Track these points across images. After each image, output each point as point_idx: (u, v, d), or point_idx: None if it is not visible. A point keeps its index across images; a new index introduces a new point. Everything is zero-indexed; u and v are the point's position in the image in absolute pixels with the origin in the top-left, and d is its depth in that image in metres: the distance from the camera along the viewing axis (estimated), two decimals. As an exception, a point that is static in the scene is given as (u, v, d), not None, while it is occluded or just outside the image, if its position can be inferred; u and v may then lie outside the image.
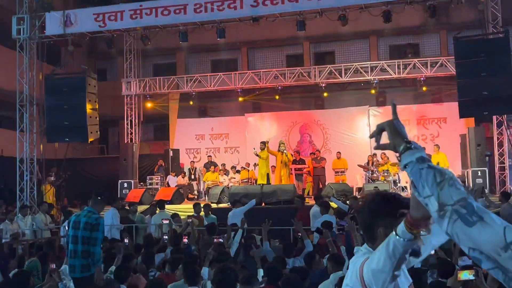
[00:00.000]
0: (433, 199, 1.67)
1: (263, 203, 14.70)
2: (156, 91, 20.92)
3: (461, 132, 17.85)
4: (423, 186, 1.71)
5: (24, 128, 16.70)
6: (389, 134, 1.95)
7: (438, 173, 1.70)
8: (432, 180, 1.69)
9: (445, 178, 1.67)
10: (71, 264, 6.42)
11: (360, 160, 18.25)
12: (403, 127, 1.95)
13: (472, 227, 1.54)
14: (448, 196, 1.63)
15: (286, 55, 23.28)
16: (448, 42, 20.29)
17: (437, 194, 1.65)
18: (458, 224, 1.57)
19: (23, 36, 16.69)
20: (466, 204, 1.59)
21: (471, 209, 1.58)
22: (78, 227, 6.58)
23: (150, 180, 19.50)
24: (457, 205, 1.60)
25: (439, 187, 1.66)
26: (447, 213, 1.61)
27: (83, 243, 6.54)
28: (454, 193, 1.63)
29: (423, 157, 1.79)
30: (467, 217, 1.56)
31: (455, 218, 1.58)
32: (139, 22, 16.33)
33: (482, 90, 13.39)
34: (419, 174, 1.74)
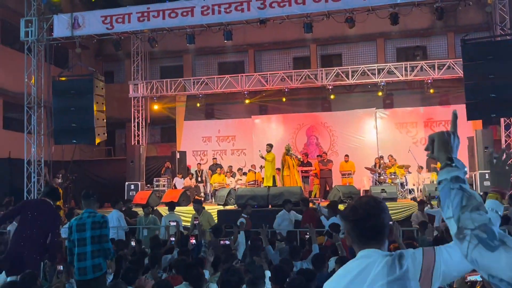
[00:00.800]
0: (453, 221, 1.68)
1: (269, 205, 14.70)
2: (163, 93, 20.98)
3: (468, 134, 17.76)
4: (448, 207, 1.72)
5: (32, 130, 16.78)
6: (436, 146, 1.92)
7: (466, 197, 1.69)
8: (458, 202, 1.69)
9: (470, 203, 1.66)
10: (80, 267, 6.38)
11: (367, 163, 18.22)
12: (454, 141, 1.90)
13: (494, 252, 1.53)
14: (469, 221, 1.62)
15: (293, 58, 23.27)
16: (456, 44, 20.23)
17: (457, 217, 1.66)
18: (478, 249, 1.56)
19: (31, 39, 16.77)
20: (487, 229, 1.58)
21: (492, 234, 1.57)
22: (84, 229, 6.54)
23: (157, 182, 19.53)
24: (477, 230, 1.59)
25: (461, 211, 1.66)
26: (467, 237, 1.60)
27: (93, 243, 6.50)
28: (476, 218, 1.62)
29: (458, 177, 1.77)
30: (489, 241, 1.55)
31: (476, 243, 1.57)
32: (146, 25, 16.38)
33: (490, 93, 13.33)
34: (448, 194, 1.74)
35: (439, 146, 1.90)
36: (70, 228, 6.62)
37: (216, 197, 16.61)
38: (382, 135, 20.40)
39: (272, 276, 5.46)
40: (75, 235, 6.47)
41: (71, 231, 6.56)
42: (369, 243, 2.10)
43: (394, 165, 17.53)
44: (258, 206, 14.62)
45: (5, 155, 19.24)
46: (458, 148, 1.90)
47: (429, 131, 20.05)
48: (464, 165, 1.84)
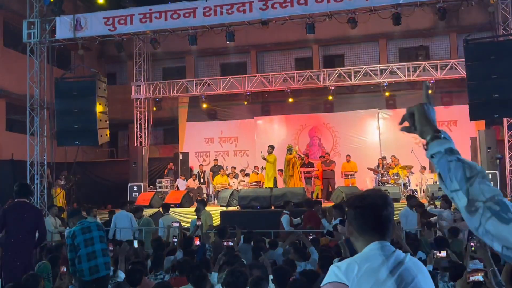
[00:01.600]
0: (461, 194, 1.62)
1: (272, 206, 14.69)
2: (165, 95, 21.00)
3: (471, 135, 17.75)
4: (451, 180, 1.66)
5: (35, 132, 16.78)
6: (418, 119, 1.87)
7: (468, 167, 1.65)
8: (462, 174, 1.64)
9: (476, 174, 1.62)
10: (92, 266, 6.44)
11: (370, 163, 18.20)
12: (433, 113, 1.86)
13: (509, 224, 1.50)
14: (479, 192, 1.57)
15: (295, 58, 23.27)
16: (458, 45, 20.19)
17: (466, 189, 1.60)
18: (492, 222, 1.52)
19: (34, 40, 16.79)
20: (499, 201, 1.55)
21: (505, 206, 1.53)
22: (90, 231, 6.64)
23: (159, 183, 19.55)
24: (489, 202, 1.54)
25: (468, 183, 1.61)
26: (480, 209, 1.55)
27: (101, 242, 6.65)
28: (485, 189, 1.58)
29: (452, 148, 1.74)
30: (502, 214, 1.51)
31: (489, 215, 1.53)
32: (148, 26, 16.37)
33: (493, 93, 13.29)
34: (447, 167, 1.69)
35: (421, 120, 1.85)
36: (72, 236, 6.61)
37: (219, 198, 16.60)
38: (384, 135, 20.37)
39: (274, 277, 5.46)
40: (80, 238, 6.52)
41: (75, 236, 6.58)
42: (372, 234, 2.06)
43: (397, 166, 17.51)
44: (261, 207, 14.62)
45: (8, 157, 19.26)
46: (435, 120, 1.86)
47: (432, 131, 20.03)
48: (449, 136, 1.81)
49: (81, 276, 6.44)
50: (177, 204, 16.43)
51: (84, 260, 6.43)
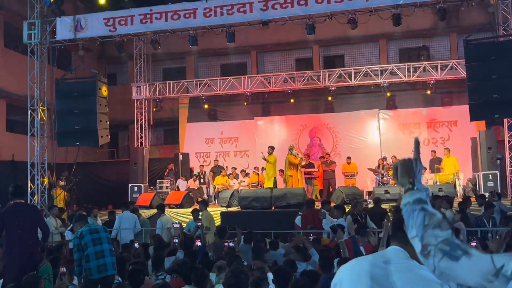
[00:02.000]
0: (417, 240, 1.75)
1: (273, 206, 14.70)
2: (166, 95, 21.01)
3: (472, 135, 17.74)
4: (412, 227, 1.80)
5: (35, 133, 16.79)
6: (399, 172, 2.00)
7: (428, 216, 1.77)
8: (421, 222, 1.77)
9: (432, 222, 1.75)
10: (100, 264, 6.51)
11: (371, 164, 18.20)
12: (417, 166, 1.98)
13: (458, 262, 1.60)
14: (432, 238, 1.71)
15: (295, 59, 23.28)
16: (458, 45, 20.20)
17: (421, 235, 1.74)
18: (444, 262, 1.64)
19: (34, 41, 16.80)
20: (449, 242, 1.66)
21: (454, 245, 1.65)
22: (97, 231, 6.77)
23: (160, 184, 19.56)
24: (440, 244, 1.67)
25: (424, 229, 1.74)
26: (431, 252, 1.68)
27: (108, 243, 6.78)
28: (438, 234, 1.71)
29: (420, 199, 1.85)
30: (452, 252, 1.63)
31: (440, 256, 1.65)
32: (149, 27, 16.38)
33: (493, 93, 13.30)
34: (411, 215, 1.83)
35: (401, 172, 1.98)
36: (80, 236, 6.66)
37: (219, 199, 16.62)
38: (385, 136, 20.38)
39: (274, 277, 5.46)
40: (88, 237, 6.62)
41: (82, 236, 6.63)
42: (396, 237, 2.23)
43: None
44: (261, 207, 14.63)
45: (9, 158, 19.28)
46: (421, 173, 1.99)
47: (432, 132, 20.07)
48: (426, 188, 1.92)
49: (88, 275, 6.48)
50: (177, 204, 16.45)
51: (93, 258, 6.51)
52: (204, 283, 5.51)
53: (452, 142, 19.35)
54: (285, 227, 11.79)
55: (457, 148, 18.29)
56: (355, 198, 14.00)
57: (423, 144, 19.88)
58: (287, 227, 11.73)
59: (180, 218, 15.31)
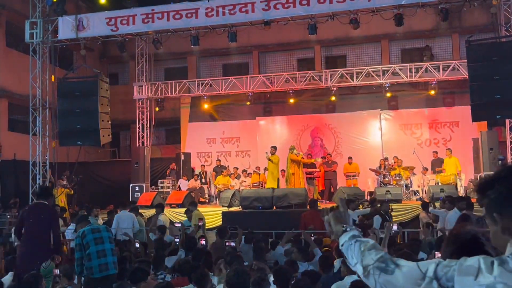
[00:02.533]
0: (359, 265, 2.00)
1: (274, 206, 14.68)
2: (167, 95, 21.00)
3: (473, 136, 17.72)
4: (352, 257, 2.06)
5: (37, 132, 16.81)
6: (333, 223, 2.29)
7: (362, 244, 2.05)
8: (358, 249, 2.04)
9: (366, 247, 2.02)
10: (101, 263, 6.56)
11: (372, 164, 18.19)
12: (345, 215, 2.29)
13: (393, 274, 1.86)
14: (369, 259, 1.96)
15: (297, 59, 23.27)
16: (461, 46, 20.17)
17: (360, 259, 2.00)
18: (382, 277, 1.89)
19: (36, 40, 16.81)
20: (384, 259, 1.92)
21: (388, 262, 1.90)
22: (99, 231, 6.83)
23: (161, 183, 19.55)
24: (377, 263, 1.92)
25: (362, 254, 2.01)
26: (371, 271, 1.93)
27: (110, 242, 6.84)
28: (373, 254, 1.97)
29: (354, 235, 2.15)
30: (387, 268, 1.89)
31: (378, 273, 1.90)
32: (151, 26, 16.39)
33: (495, 94, 13.28)
34: (349, 249, 2.09)
35: (334, 222, 2.28)
36: (82, 235, 6.71)
37: (221, 198, 16.62)
38: (386, 136, 20.37)
39: (274, 277, 5.45)
40: (90, 236, 6.68)
41: (84, 235, 6.68)
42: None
43: (399, 167, 17.50)
44: (263, 207, 14.61)
45: (11, 157, 19.31)
46: (350, 218, 2.30)
47: (434, 132, 20.04)
48: (354, 227, 2.23)
49: (90, 274, 6.52)
50: (178, 204, 16.45)
51: (94, 257, 6.57)
52: (204, 282, 5.50)
53: (454, 142, 19.33)
54: (286, 227, 11.76)
55: (458, 149, 18.27)
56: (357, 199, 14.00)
57: (425, 145, 19.87)
58: (288, 227, 11.71)
59: (181, 217, 15.30)
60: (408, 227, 11.52)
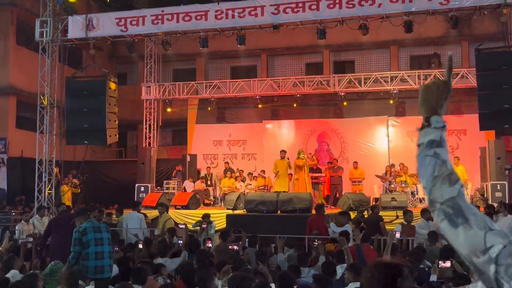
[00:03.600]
0: (426, 192, 1.66)
1: (278, 210, 14.66)
2: (175, 96, 21.03)
3: (481, 144, 17.64)
4: (422, 177, 1.68)
5: (44, 130, 16.87)
6: (420, 99, 1.79)
7: (438, 166, 1.65)
8: (431, 172, 1.65)
9: (443, 173, 1.64)
10: (98, 265, 6.55)
11: (378, 170, 18.13)
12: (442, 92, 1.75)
13: (456, 229, 1.55)
14: (439, 194, 1.61)
15: (305, 63, 23.26)
16: (470, 54, 20.11)
17: (429, 189, 1.64)
18: (444, 224, 1.58)
19: (46, 39, 16.88)
20: (453, 204, 1.59)
21: (458, 210, 1.58)
22: (100, 231, 6.84)
23: (167, 184, 19.58)
24: (444, 205, 1.60)
25: (432, 183, 1.64)
26: (436, 211, 1.61)
27: (109, 245, 6.89)
28: (445, 191, 1.61)
29: (433, 140, 1.68)
30: (453, 218, 1.57)
31: (442, 217, 1.59)
32: (160, 27, 16.43)
33: (503, 103, 13.22)
34: (423, 162, 1.69)
35: (422, 99, 1.78)
36: (83, 232, 6.68)
37: (226, 201, 16.61)
38: (393, 143, 20.31)
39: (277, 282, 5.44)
40: (91, 235, 6.65)
41: (86, 232, 6.66)
42: None
43: (405, 174, 17.43)
44: (267, 211, 14.59)
45: (18, 154, 19.41)
46: (447, 99, 1.75)
47: (441, 140, 19.91)
48: (444, 124, 1.71)
49: (84, 272, 6.52)
50: (183, 205, 16.47)
51: (92, 258, 6.58)
52: (208, 285, 5.48)
53: (461, 151, 19.23)
54: (291, 232, 11.76)
55: (466, 157, 18.18)
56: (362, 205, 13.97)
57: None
58: (292, 232, 11.71)
59: (186, 219, 15.32)
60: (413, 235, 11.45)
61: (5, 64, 20.00)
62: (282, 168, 16.52)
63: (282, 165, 16.55)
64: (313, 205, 14.30)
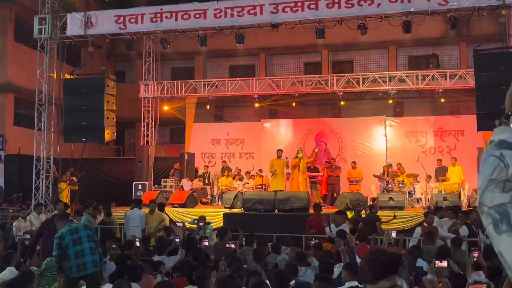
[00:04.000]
0: (480, 191, 1.57)
1: (276, 209, 14.66)
2: (173, 95, 21.02)
3: (478, 145, 17.67)
4: (481, 175, 1.59)
5: (42, 127, 16.86)
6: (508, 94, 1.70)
7: (498, 169, 1.55)
8: (489, 174, 1.56)
9: (498, 178, 1.55)
10: (80, 264, 6.63)
11: (376, 170, 18.15)
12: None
13: (500, 235, 1.49)
14: (489, 198, 1.54)
15: (304, 63, 23.26)
16: (468, 55, 20.14)
17: (482, 190, 1.55)
18: (490, 228, 1.52)
19: (44, 36, 16.86)
20: (502, 210, 1.52)
21: (505, 217, 1.51)
22: (77, 231, 6.94)
23: (164, 182, 19.57)
24: (493, 209, 1.53)
25: (488, 183, 1.55)
26: (484, 214, 1.53)
27: (89, 241, 6.91)
28: (496, 196, 1.53)
29: (505, 141, 1.59)
30: (499, 223, 1.50)
31: (489, 221, 1.52)
32: (159, 26, 16.42)
33: (501, 104, 12.71)
34: (486, 160, 1.59)
35: (509, 93, 1.69)
36: (60, 237, 6.80)
37: (223, 200, 16.60)
38: (391, 143, 20.33)
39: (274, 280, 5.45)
40: (68, 238, 6.84)
41: (63, 237, 6.79)
42: None
43: (403, 174, 17.46)
44: (265, 210, 14.59)
45: (15, 151, 19.39)
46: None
47: (439, 140, 19.99)
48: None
49: (69, 274, 6.61)
50: (181, 204, 16.45)
51: (73, 257, 6.74)
52: (205, 283, 5.48)
53: (459, 151, 19.27)
54: (287, 231, 11.77)
55: (463, 158, 18.21)
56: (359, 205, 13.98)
57: (429, 153, 19.83)
58: (290, 231, 11.71)
59: (183, 217, 15.31)
60: (410, 235, 11.48)
61: (3, 61, 19.98)
62: (279, 167, 16.51)
63: (279, 164, 16.53)
64: (311, 204, 14.36)
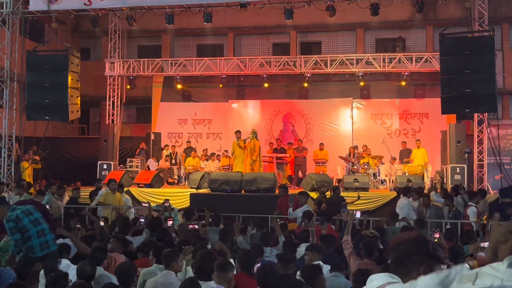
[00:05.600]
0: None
1: (243, 190, 14.69)
2: (140, 73, 20.72)
3: (442, 128, 17.99)
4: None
5: (4, 105, 16.45)
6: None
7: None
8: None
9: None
10: (42, 242, 6.62)
11: (342, 152, 18.33)
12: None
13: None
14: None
15: (272, 43, 23.16)
16: (434, 38, 20.36)
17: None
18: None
19: (6, 11, 16.38)
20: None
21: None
22: (31, 213, 6.80)
23: (130, 162, 19.37)
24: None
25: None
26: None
27: (44, 222, 6.88)
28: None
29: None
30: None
31: None
32: (125, 2, 16.13)
33: (465, 88, 13.46)
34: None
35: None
36: (16, 219, 6.67)
37: (190, 180, 16.55)
38: (357, 125, 20.53)
39: (239, 260, 5.45)
40: (25, 220, 6.74)
41: (19, 219, 6.68)
42: None
43: (368, 156, 17.68)
44: (231, 191, 14.60)
45: (-25, 129, 18.87)
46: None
47: (404, 123, 20.27)
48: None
49: (31, 253, 6.52)
50: (146, 184, 16.35)
51: (35, 237, 6.64)
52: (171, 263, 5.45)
53: (423, 134, 19.59)
54: (254, 212, 11.82)
55: (427, 140, 18.53)
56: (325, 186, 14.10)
57: (394, 135, 20.10)
58: (256, 212, 11.77)
59: (149, 197, 15.23)
60: (374, 216, 11.65)
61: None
62: (237, 149, 16.52)
63: (237, 146, 16.57)
64: (277, 185, 14.43)
